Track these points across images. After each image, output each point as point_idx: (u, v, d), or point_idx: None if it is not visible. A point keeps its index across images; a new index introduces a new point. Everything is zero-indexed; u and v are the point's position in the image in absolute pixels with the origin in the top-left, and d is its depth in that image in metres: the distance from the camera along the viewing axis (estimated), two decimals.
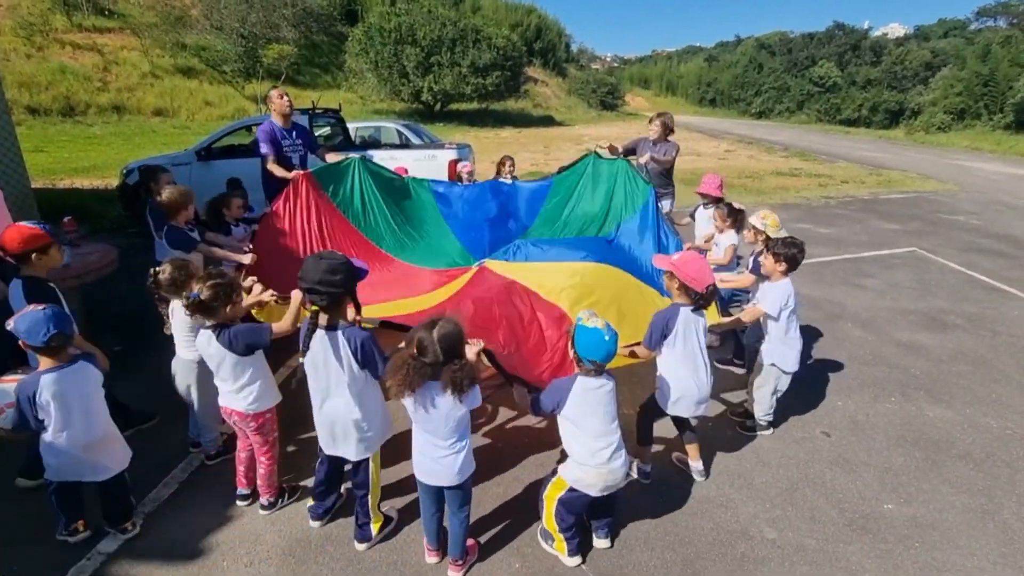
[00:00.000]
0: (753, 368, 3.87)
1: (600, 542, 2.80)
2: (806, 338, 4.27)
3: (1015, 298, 6.50)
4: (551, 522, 2.68)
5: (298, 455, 3.41)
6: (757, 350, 3.75)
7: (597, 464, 2.48)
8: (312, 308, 2.43)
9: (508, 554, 2.75)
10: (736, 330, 4.35)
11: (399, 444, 2.87)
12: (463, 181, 6.62)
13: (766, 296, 3.51)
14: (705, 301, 2.91)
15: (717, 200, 4.79)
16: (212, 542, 2.78)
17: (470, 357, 2.38)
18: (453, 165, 8.25)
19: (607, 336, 2.38)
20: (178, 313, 3.05)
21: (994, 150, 25.29)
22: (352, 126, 9.71)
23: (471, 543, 2.72)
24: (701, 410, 3.07)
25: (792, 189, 13.46)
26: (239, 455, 2.97)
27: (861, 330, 5.49)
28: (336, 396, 2.54)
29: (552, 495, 2.65)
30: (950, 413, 4.08)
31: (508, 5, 48.07)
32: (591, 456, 2.48)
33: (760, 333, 3.72)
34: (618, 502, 2.82)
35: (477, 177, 7.06)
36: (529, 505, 3.03)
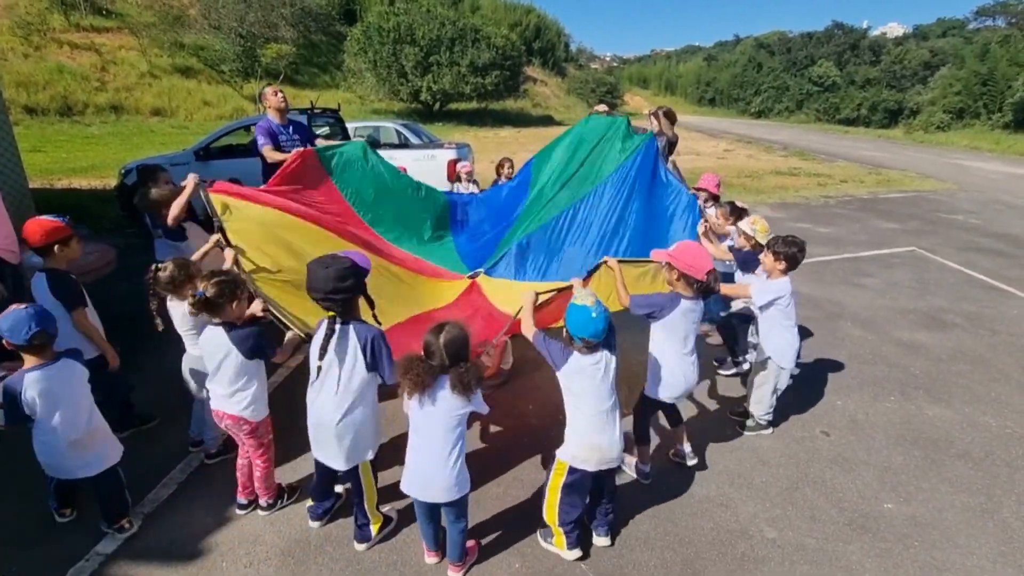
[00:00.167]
0: (736, 347, 4.10)
1: (600, 540, 2.80)
2: (805, 337, 4.28)
3: (1014, 297, 6.50)
4: (552, 515, 2.67)
5: (297, 454, 3.40)
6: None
7: (590, 438, 2.54)
8: (328, 314, 2.46)
9: (508, 554, 2.75)
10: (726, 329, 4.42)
11: (400, 445, 2.87)
12: (462, 181, 6.61)
13: (757, 285, 3.53)
14: (707, 288, 2.89)
15: (715, 198, 4.79)
16: (211, 543, 2.77)
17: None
18: (452, 165, 8.25)
19: (595, 314, 2.39)
20: (178, 311, 3.06)
21: (993, 149, 25.34)
22: (351, 126, 9.69)
23: (471, 544, 2.71)
24: (685, 394, 3.16)
25: (791, 188, 13.47)
26: (240, 462, 2.93)
27: (860, 329, 5.49)
28: (327, 398, 2.50)
29: (555, 484, 2.65)
30: (949, 412, 4.09)
31: (507, 5, 48.04)
32: (584, 430, 2.55)
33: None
34: (617, 498, 2.83)
35: (476, 177, 7.05)
36: (529, 505, 3.03)
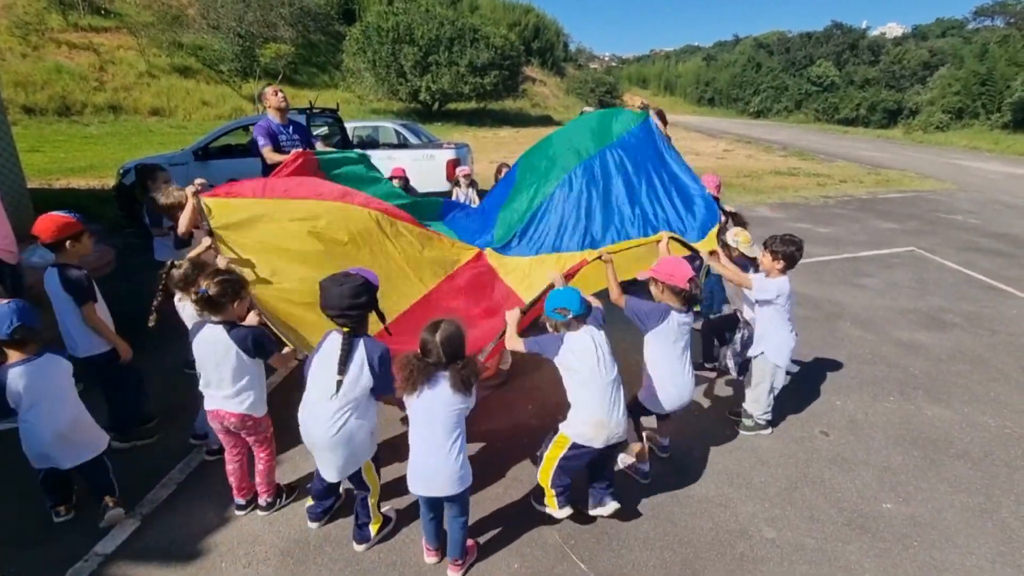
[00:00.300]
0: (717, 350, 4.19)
1: (609, 506, 2.83)
2: (805, 337, 4.28)
3: (1013, 297, 6.51)
4: (545, 479, 2.74)
5: (296, 454, 3.40)
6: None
7: (596, 415, 2.59)
8: (343, 330, 2.45)
9: (507, 554, 2.75)
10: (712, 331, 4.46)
11: (400, 443, 2.87)
12: (461, 187, 6.60)
13: (757, 282, 3.54)
14: (691, 297, 2.95)
15: (715, 200, 4.78)
16: (210, 543, 2.77)
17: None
18: (451, 165, 8.24)
19: (560, 288, 2.72)
20: (188, 309, 3.11)
21: (992, 149, 25.36)
22: (350, 126, 9.69)
23: (470, 544, 2.71)
24: (680, 408, 3.16)
25: (790, 188, 13.47)
26: (229, 468, 2.91)
27: (860, 329, 5.49)
28: (320, 410, 2.45)
29: (553, 455, 2.70)
30: (948, 412, 4.09)
31: (506, 4, 48.01)
32: (590, 408, 2.61)
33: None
34: (613, 463, 2.95)
35: (476, 177, 7.04)
36: (528, 505, 3.04)
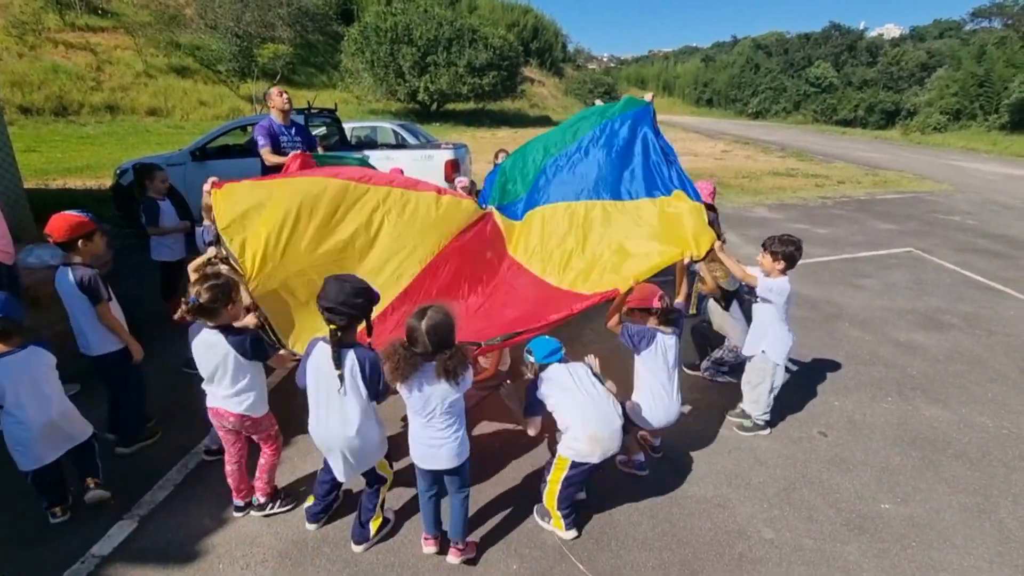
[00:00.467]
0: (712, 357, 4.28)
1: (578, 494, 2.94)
2: (803, 338, 4.29)
3: (1011, 298, 6.52)
4: (552, 502, 2.78)
5: (296, 456, 3.40)
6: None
7: (591, 431, 2.66)
8: (330, 327, 2.40)
9: (506, 555, 2.74)
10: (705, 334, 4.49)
11: (396, 442, 2.87)
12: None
13: (759, 280, 3.54)
14: (668, 314, 3.08)
15: (710, 208, 4.78)
16: (208, 544, 2.76)
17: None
18: (450, 165, 8.21)
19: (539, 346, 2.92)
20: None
21: (989, 150, 25.40)
22: (348, 126, 9.68)
23: (470, 541, 2.72)
24: (666, 426, 3.23)
25: (789, 189, 13.49)
26: (228, 468, 2.91)
27: (858, 330, 5.50)
28: (332, 416, 2.49)
29: (556, 477, 2.75)
30: (946, 413, 4.09)
31: (504, 5, 48.03)
32: (583, 425, 2.68)
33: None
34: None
35: (474, 178, 7.03)
36: (527, 506, 3.03)
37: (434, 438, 2.46)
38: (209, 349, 2.62)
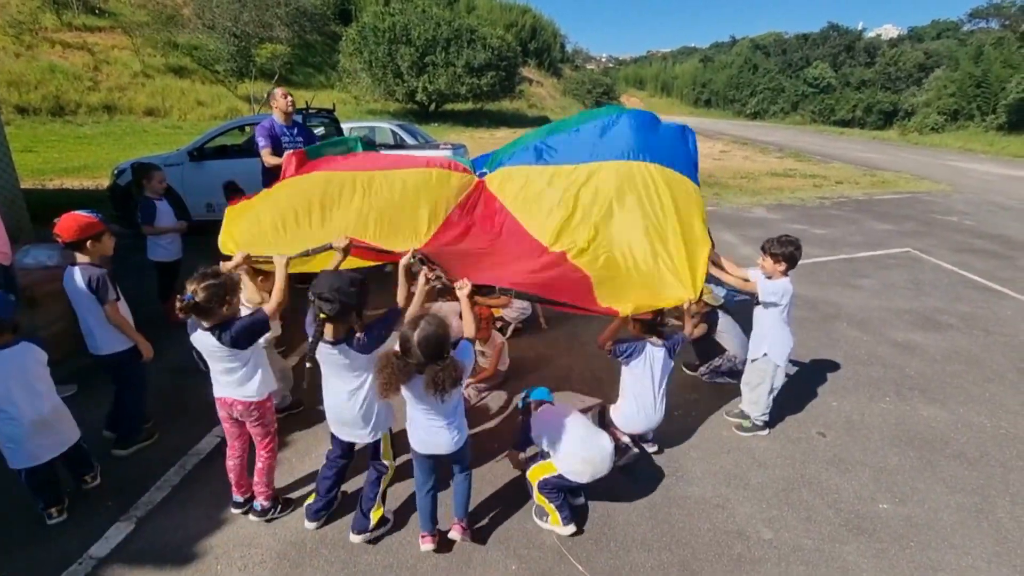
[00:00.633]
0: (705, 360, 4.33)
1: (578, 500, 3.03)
2: (802, 338, 4.29)
3: (1008, 298, 6.54)
4: (541, 498, 2.88)
5: (294, 456, 3.39)
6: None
7: (584, 456, 2.79)
8: (320, 316, 2.42)
9: (505, 556, 2.74)
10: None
11: (403, 435, 2.86)
12: None
13: (761, 283, 3.55)
14: (658, 326, 3.21)
15: None
16: (206, 546, 2.75)
17: (461, 297, 2.67)
18: None
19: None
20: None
21: (987, 151, 25.47)
22: (346, 126, 9.68)
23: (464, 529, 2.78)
24: (646, 432, 3.40)
25: (787, 190, 13.50)
26: (229, 463, 2.92)
27: (856, 330, 5.51)
28: (340, 392, 2.65)
29: (536, 474, 2.90)
30: (944, 413, 4.10)
31: (503, 5, 47.98)
32: (579, 450, 2.80)
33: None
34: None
35: None
36: (525, 507, 3.03)
37: (434, 424, 2.52)
38: (204, 348, 2.64)
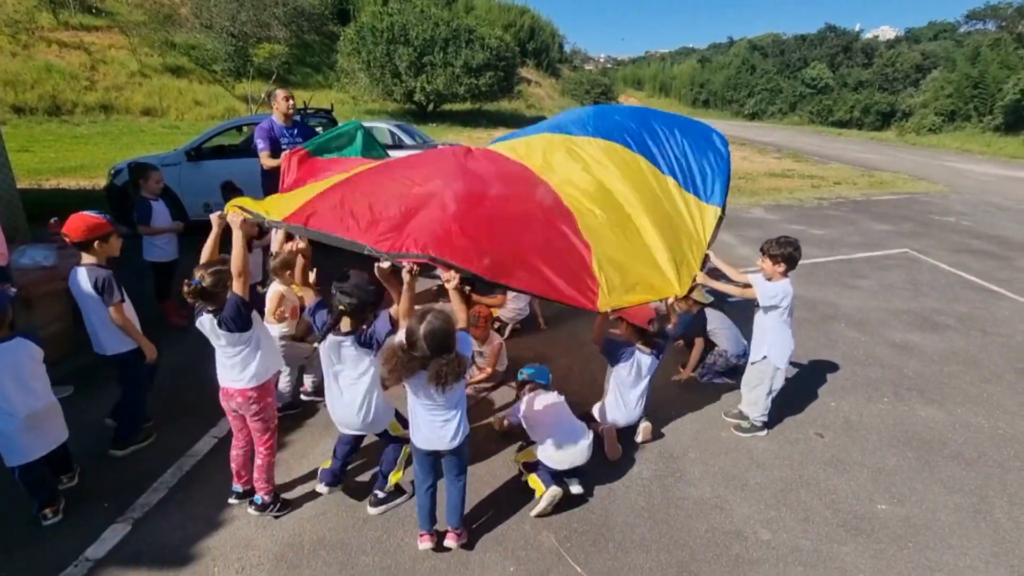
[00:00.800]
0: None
1: (574, 488, 3.10)
2: (800, 339, 4.29)
3: (1005, 298, 6.55)
4: (532, 477, 3.07)
5: (291, 457, 3.38)
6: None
7: (563, 448, 3.00)
8: (339, 308, 2.58)
9: (503, 557, 2.74)
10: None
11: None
12: None
13: (761, 287, 3.55)
14: (651, 336, 3.35)
15: None
16: (203, 547, 2.74)
17: (449, 289, 2.70)
18: None
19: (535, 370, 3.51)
20: (271, 291, 3.58)
21: (984, 151, 25.54)
22: None
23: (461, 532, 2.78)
24: (626, 424, 3.58)
25: (785, 190, 13.52)
26: (233, 453, 2.97)
27: (854, 331, 5.51)
28: (340, 388, 2.74)
29: (521, 459, 3.21)
30: (942, 413, 4.11)
31: (501, 5, 47.94)
32: (559, 441, 3.01)
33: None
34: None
35: None
36: (523, 507, 3.03)
37: (437, 418, 2.53)
38: (206, 330, 2.71)
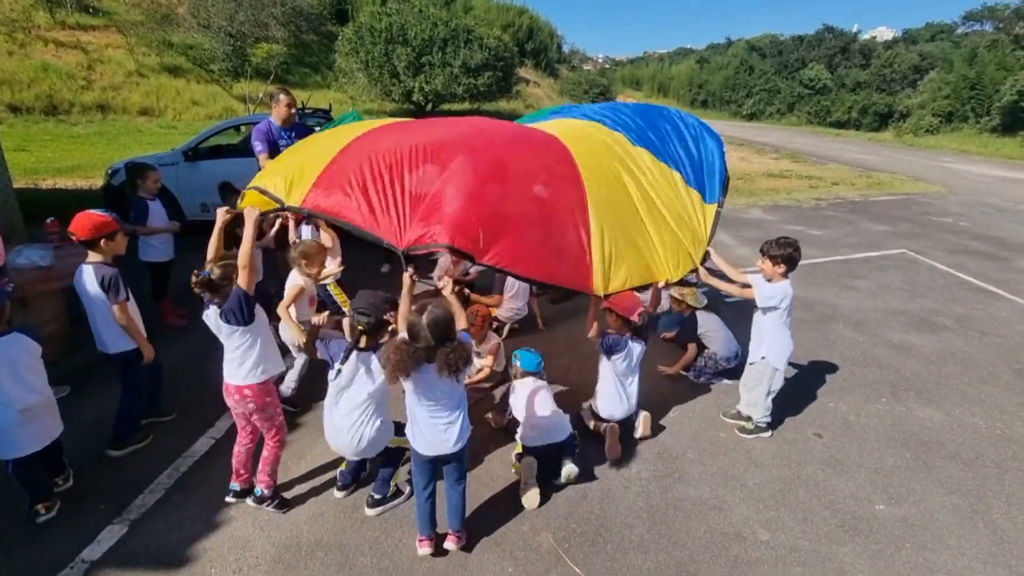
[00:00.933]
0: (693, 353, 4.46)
1: (568, 468, 3.21)
2: (798, 339, 4.28)
3: (1003, 299, 6.57)
4: (517, 464, 3.27)
5: (289, 459, 3.36)
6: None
7: (537, 423, 3.25)
8: (359, 328, 2.67)
9: (501, 558, 2.73)
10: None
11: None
12: None
13: (760, 288, 3.55)
14: (640, 328, 3.46)
15: None
16: (200, 549, 2.73)
17: (445, 292, 2.77)
18: None
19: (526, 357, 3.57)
20: (295, 281, 3.64)
21: (981, 152, 25.58)
22: None
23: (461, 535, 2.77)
24: (623, 417, 3.62)
25: (783, 191, 13.52)
26: (235, 449, 2.99)
27: (852, 331, 5.52)
28: (346, 413, 2.73)
29: (515, 465, 3.35)
30: (940, 414, 4.11)
31: (499, 6, 47.93)
32: (533, 420, 3.27)
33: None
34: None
35: None
36: (521, 509, 3.02)
37: (439, 421, 2.52)
38: (211, 322, 2.74)
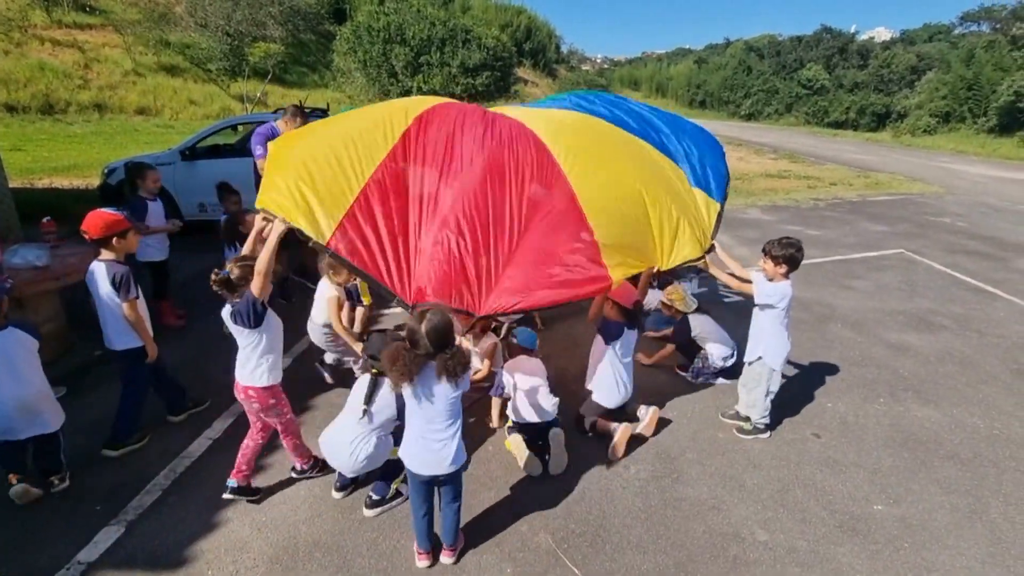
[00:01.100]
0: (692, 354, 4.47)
1: (554, 431, 3.38)
2: (796, 339, 4.29)
3: (1000, 299, 6.58)
4: (508, 443, 3.44)
5: (286, 459, 3.35)
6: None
7: (527, 402, 3.42)
8: (373, 372, 2.87)
9: (500, 558, 2.73)
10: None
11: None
12: None
13: (760, 285, 3.57)
14: (634, 316, 3.59)
15: None
16: (196, 550, 2.72)
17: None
18: None
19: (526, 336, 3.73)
20: (320, 287, 3.84)
21: (978, 153, 25.64)
22: None
23: (460, 537, 2.77)
24: (622, 402, 3.71)
25: (781, 191, 13.53)
26: (243, 443, 3.03)
27: (850, 331, 5.52)
28: (348, 432, 2.87)
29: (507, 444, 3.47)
30: (938, 414, 4.12)
31: (498, 5, 47.91)
32: (523, 399, 3.42)
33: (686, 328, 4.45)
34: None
35: None
36: (520, 508, 3.02)
37: (436, 439, 2.48)
38: (226, 319, 2.78)
